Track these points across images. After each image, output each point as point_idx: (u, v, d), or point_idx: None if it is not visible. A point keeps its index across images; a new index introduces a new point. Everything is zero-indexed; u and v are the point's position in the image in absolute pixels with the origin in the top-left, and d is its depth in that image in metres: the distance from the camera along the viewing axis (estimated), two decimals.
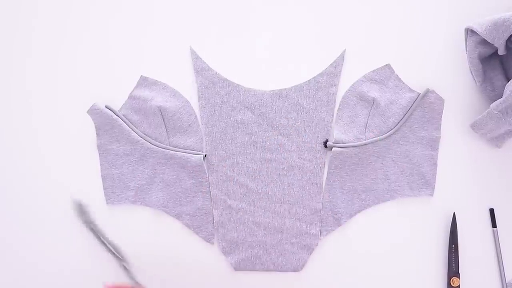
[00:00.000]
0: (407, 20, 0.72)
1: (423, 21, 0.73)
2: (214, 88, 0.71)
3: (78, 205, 0.63)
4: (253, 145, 0.71)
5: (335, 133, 0.70)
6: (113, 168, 0.72)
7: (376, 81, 0.71)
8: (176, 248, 0.72)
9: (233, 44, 0.72)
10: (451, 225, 0.69)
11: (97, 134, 0.72)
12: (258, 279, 0.72)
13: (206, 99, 0.71)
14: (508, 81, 0.65)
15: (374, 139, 0.69)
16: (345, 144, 0.69)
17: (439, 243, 0.70)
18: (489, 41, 0.62)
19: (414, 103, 0.70)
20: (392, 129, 0.70)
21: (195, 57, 0.72)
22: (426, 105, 0.70)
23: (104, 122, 0.71)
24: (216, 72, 0.72)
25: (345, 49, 0.72)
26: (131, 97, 0.72)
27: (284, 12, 0.73)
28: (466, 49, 0.67)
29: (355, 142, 0.69)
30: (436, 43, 0.72)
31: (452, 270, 0.69)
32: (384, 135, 0.70)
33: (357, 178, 0.71)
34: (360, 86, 0.71)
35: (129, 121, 0.71)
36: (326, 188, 0.71)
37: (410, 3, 0.72)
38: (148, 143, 0.71)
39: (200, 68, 0.72)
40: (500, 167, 0.71)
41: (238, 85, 0.71)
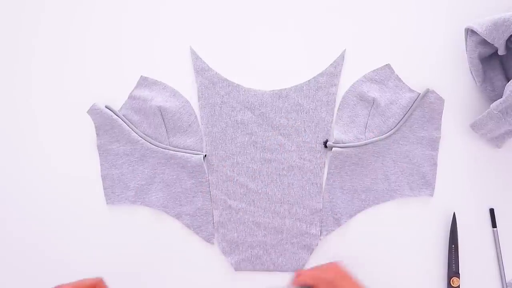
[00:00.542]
0: (407, 20, 0.72)
1: (423, 21, 0.73)
2: (214, 88, 0.71)
3: None
4: (253, 145, 0.71)
5: (335, 133, 0.70)
6: (113, 168, 0.72)
7: (376, 81, 0.71)
8: (176, 248, 0.72)
9: (233, 44, 0.72)
10: (451, 225, 0.69)
11: (97, 134, 0.71)
12: (258, 279, 0.72)
13: (206, 99, 0.71)
14: (508, 81, 0.65)
15: (374, 139, 0.69)
16: (345, 144, 0.69)
17: (439, 243, 0.70)
18: (489, 41, 0.62)
19: (414, 103, 0.70)
20: (392, 129, 0.70)
21: (195, 57, 0.72)
22: (426, 105, 0.70)
23: (104, 122, 0.71)
24: (216, 72, 0.72)
25: (345, 49, 0.72)
26: (131, 97, 0.72)
27: (284, 12, 0.73)
28: (466, 49, 0.67)
29: (355, 142, 0.69)
30: (436, 43, 0.72)
31: (452, 270, 0.69)
32: (384, 135, 0.70)
33: (357, 178, 0.71)
34: (360, 86, 0.71)
35: (129, 121, 0.71)
36: (326, 188, 0.71)
37: (410, 3, 0.72)
38: (148, 143, 0.71)
39: (200, 68, 0.72)
40: (500, 167, 0.71)
41: (238, 85, 0.71)
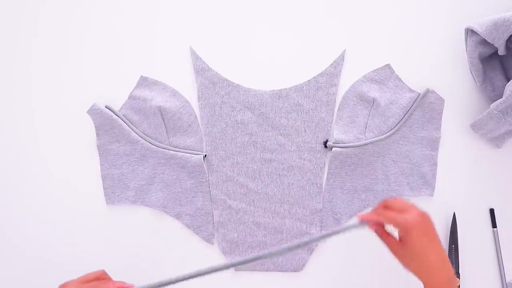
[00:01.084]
0: (407, 20, 0.72)
1: (423, 21, 0.72)
2: (214, 88, 0.71)
3: None
4: (253, 145, 0.71)
5: (335, 133, 0.70)
6: (113, 168, 0.72)
7: (376, 81, 0.71)
8: (176, 248, 0.72)
9: (233, 44, 0.72)
10: (451, 225, 0.69)
11: (97, 134, 0.71)
12: (258, 279, 0.72)
13: (206, 99, 0.71)
14: (508, 81, 0.65)
15: (374, 139, 0.69)
16: (345, 144, 0.69)
17: None
18: (489, 41, 0.62)
19: (414, 103, 0.70)
20: (392, 129, 0.70)
21: (195, 57, 0.72)
22: (426, 105, 0.70)
23: (104, 122, 0.71)
24: (216, 72, 0.72)
25: (345, 49, 0.72)
26: (131, 97, 0.72)
27: (284, 12, 0.73)
28: (466, 49, 0.67)
29: (355, 142, 0.69)
30: (436, 43, 0.72)
31: None
32: (384, 135, 0.70)
33: (357, 178, 0.71)
34: (360, 86, 0.71)
35: (129, 121, 0.71)
36: (326, 188, 0.71)
37: (410, 4, 0.72)
38: (148, 143, 0.71)
39: (200, 68, 0.72)
40: (500, 167, 0.71)
41: (238, 85, 0.71)
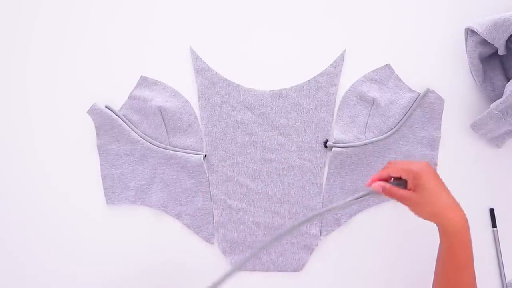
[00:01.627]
0: (407, 20, 0.72)
1: (423, 21, 0.72)
2: (214, 88, 0.71)
3: None
4: (253, 145, 0.71)
5: (335, 133, 0.70)
6: (113, 168, 0.72)
7: (376, 81, 0.71)
8: (176, 248, 0.72)
9: (233, 44, 0.72)
10: None
11: (97, 134, 0.71)
12: (258, 279, 0.72)
13: (206, 99, 0.71)
14: (508, 81, 0.65)
15: (374, 139, 0.69)
16: (345, 144, 0.69)
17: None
18: (489, 41, 0.62)
19: (414, 103, 0.70)
20: (392, 129, 0.70)
21: (195, 57, 0.72)
22: (426, 105, 0.70)
23: (104, 122, 0.71)
24: (216, 72, 0.72)
25: (345, 49, 0.72)
26: (131, 97, 0.72)
27: (284, 13, 0.72)
28: (466, 49, 0.67)
29: (355, 142, 0.69)
30: (436, 43, 0.72)
31: None
32: (384, 135, 0.70)
33: (357, 178, 0.71)
34: (360, 86, 0.71)
35: (129, 121, 0.71)
36: (326, 188, 0.71)
37: (410, 4, 0.72)
38: (148, 143, 0.71)
39: (200, 68, 0.72)
40: (500, 167, 0.71)
41: (238, 85, 0.71)
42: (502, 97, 0.62)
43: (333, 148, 0.69)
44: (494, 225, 0.70)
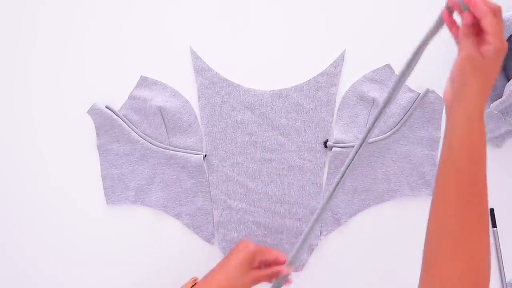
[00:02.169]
0: (407, 20, 0.72)
1: (423, 21, 0.72)
2: (214, 88, 0.71)
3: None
4: (253, 145, 0.71)
5: (335, 133, 0.70)
6: (113, 168, 0.72)
7: (376, 81, 0.71)
8: (176, 248, 0.72)
9: (233, 44, 0.72)
10: None
11: (97, 134, 0.71)
12: None
13: (206, 99, 0.71)
14: (508, 81, 0.65)
15: (374, 139, 0.69)
16: (345, 144, 0.69)
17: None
18: None
19: (414, 103, 0.70)
20: (392, 129, 0.70)
21: (195, 57, 0.72)
22: (426, 105, 0.70)
23: (104, 122, 0.71)
24: (216, 72, 0.72)
25: (345, 49, 0.72)
26: (131, 97, 0.72)
27: (284, 12, 0.72)
28: None
29: (355, 142, 0.69)
30: (436, 43, 0.72)
31: None
32: (384, 135, 0.70)
33: (357, 178, 0.71)
34: (360, 86, 0.71)
35: (129, 121, 0.71)
36: (326, 188, 0.71)
37: (410, 4, 0.72)
38: (148, 143, 0.71)
39: (200, 68, 0.72)
40: (500, 167, 0.71)
41: (238, 85, 0.71)
42: (502, 97, 0.62)
43: (333, 148, 0.69)
44: (494, 225, 0.70)
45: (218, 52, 0.72)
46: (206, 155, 0.71)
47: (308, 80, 0.71)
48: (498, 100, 0.62)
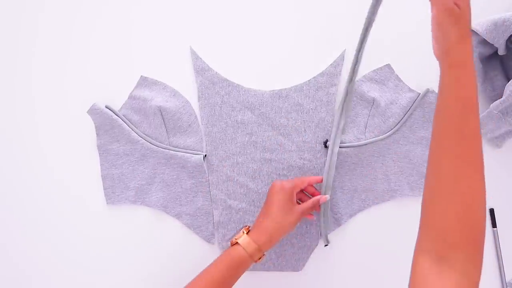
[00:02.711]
0: (407, 20, 0.72)
1: (423, 21, 0.72)
2: (214, 88, 0.71)
3: None
4: (253, 145, 0.71)
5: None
6: (113, 168, 0.72)
7: (376, 81, 0.71)
8: (176, 248, 0.72)
9: (233, 44, 0.72)
10: None
11: (97, 134, 0.71)
12: (258, 279, 0.72)
13: (206, 99, 0.71)
14: (508, 81, 0.65)
15: (374, 139, 0.69)
16: (345, 144, 0.69)
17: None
18: (489, 41, 0.62)
19: (414, 103, 0.70)
20: (392, 129, 0.70)
21: (195, 57, 0.72)
22: (426, 105, 0.70)
23: (104, 122, 0.71)
24: (216, 72, 0.72)
25: (345, 49, 0.72)
26: (131, 97, 0.72)
27: (284, 12, 0.72)
28: None
29: (355, 142, 0.69)
30: None
31: None
32: (384, 135, 0.70)
33: (357, 178, 0.71)
34: (360, 86, 0.71)
35: (129, 121, 0.71)
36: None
37: (410, 3, 0.72)
38: (148, 143, 0.71)
39: (200, 68, 0.72)
40: (500, 167, 0.71)
41: (238, 85, 0.71)
42: (502, 97, 0.62)
43: None
44: (494, 225, 0.70)
45: (218, 52, 0.72)
46: (206, 155, 0.71)
47: (308, 80, 0.71)
48: (498, 100, 0.62)
